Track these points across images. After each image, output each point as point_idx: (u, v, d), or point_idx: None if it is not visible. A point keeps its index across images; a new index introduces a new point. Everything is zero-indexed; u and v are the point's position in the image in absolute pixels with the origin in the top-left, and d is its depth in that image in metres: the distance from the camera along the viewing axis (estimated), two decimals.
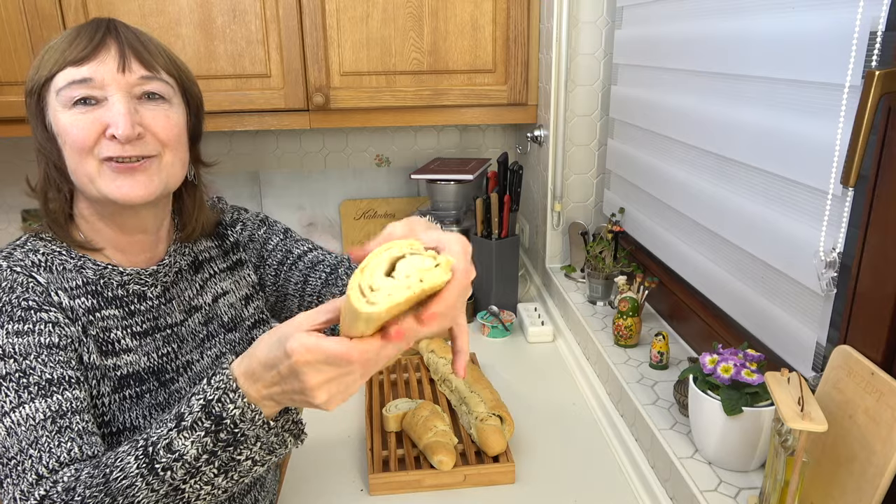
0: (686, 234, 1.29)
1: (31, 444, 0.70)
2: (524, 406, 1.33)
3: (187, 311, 0.90)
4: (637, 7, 1.48)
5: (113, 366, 0.80)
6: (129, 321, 0.83)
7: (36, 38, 1.72)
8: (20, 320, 0.75)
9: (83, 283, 0.82)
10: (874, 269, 0.77)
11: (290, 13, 1.75)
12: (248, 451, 0.66)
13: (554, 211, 1.76)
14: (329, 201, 2.30)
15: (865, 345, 0.78)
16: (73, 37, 0.78)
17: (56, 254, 0.82)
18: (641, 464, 1.09)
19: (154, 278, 0.87)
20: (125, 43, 0.79)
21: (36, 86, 0.79)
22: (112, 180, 0.79)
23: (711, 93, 1.16)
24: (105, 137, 0.78)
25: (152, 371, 0.83)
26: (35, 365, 0.73)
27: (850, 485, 0.74)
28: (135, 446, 0.67)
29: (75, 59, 0.77)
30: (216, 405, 0.63)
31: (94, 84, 0.77)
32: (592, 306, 1.55)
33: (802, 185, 0.91)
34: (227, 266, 0.98)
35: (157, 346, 0.85)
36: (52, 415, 0.71)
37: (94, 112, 0.78)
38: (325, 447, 1.22)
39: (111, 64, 0.78)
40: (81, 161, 0.78)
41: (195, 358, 0.89)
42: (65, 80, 0.77)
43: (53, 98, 0.78)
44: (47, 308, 0.77)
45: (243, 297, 0.98)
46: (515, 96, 1.87)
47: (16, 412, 0.71)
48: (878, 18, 0.75)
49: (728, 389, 0.91)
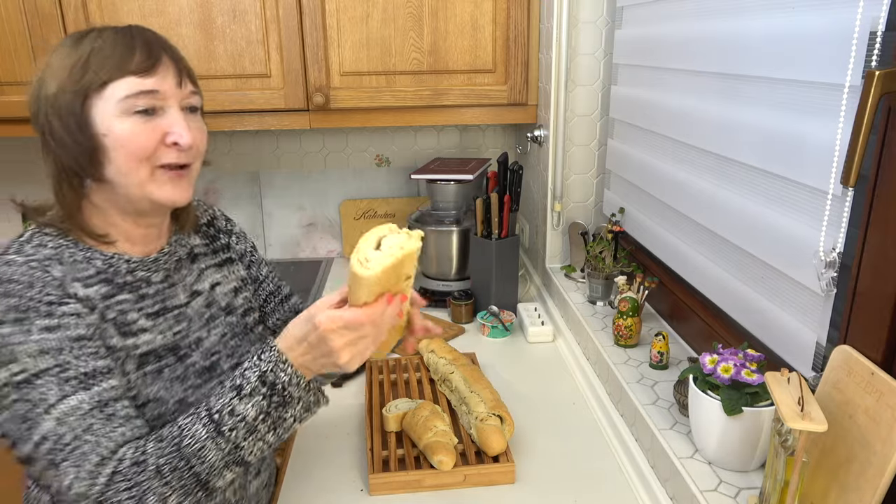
0: (686, 234, 1.29)
1: (86, 431, 0.76)
2: (524, 406, 1.33)
3: (190, 295, 0.97)
4: (637, 7, 1.48)
5: (133, 345, 0.86)
6: (141, 304, 0.89)
7: (36, 38, 1.72)
8: (46, 315, 0.79)
9: (95, 273, 0.86)
10: (874, 269, 0.77)
11: (290, 13, 1.75)
12: (293, 409, 0.81)
13: (554, 211, 1.76)
14: (329, 201, 2.30)
15: (865, 345, 0.78)
16: (126, 45, 0.82)
17: (64, 247, 0.85)
18: (641, 464, 1.09)
19: (156, 265, 0.93)
20: (177, 59, 0.86)
21: (83, 87, 0.81)
22: (163, 185, 0.86)
23: (711, 93, 1.16)
24: (164, 145, 0.84)
25: (168, 348, 0.90)
26: (69, 359, 0.78)
27: (850, 485, 0.74)
28: (198, 416, 0.79)
29: (138, 70, 0.81)
30: (270, 374, 0.79)
31: (158, 96, 0.83)
32: (592, 306, 1.55)
33: (802, 184, 0.91)
34: (217, 262, 1.05)
35: (170, 325, 0.92)
36: (97, 404, 0.78)
37: (154, 122, 0.83)
38: (325, 447, 1.22)
39: (171, 79, 0.84)
40: (137, 166, 0.83)
41: (203, 335, 0.96)
42: (130, 89, 0.81)
43: (110, 103, 0.81)
44: (66, 301, 0.81)
45: (232, 290, 1.05)
46: (515, 96, 1.87)
47: (62, 404, 0.76)
48: (878, 18, 0.75)
49: (728, 389, 0.91)
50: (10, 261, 0.82)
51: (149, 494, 0.76)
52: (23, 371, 0.77)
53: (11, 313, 0.78)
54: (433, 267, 1.92)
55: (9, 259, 0.82)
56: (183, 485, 0.78)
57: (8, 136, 1.86)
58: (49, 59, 0.84)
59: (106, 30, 0.84)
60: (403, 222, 2.24)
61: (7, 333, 0.77)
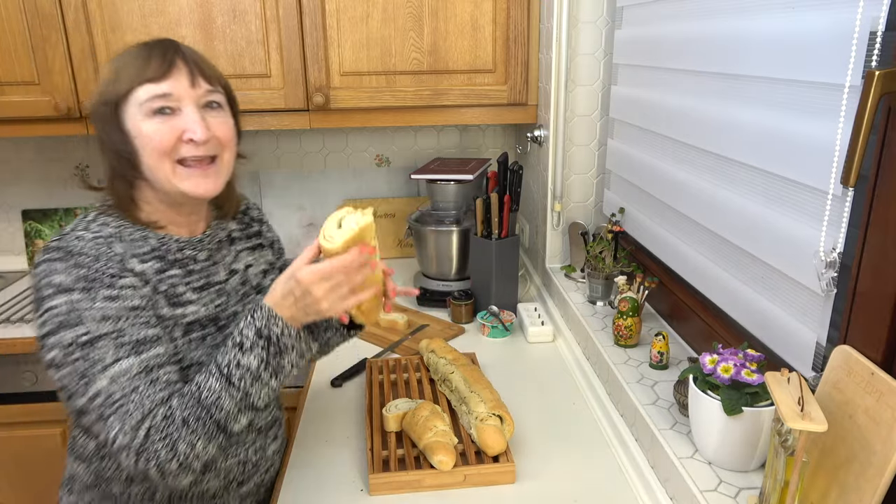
0: (686, 234, 1.29)
1: (133, 391, 0.89)
2: (524, 406, 1.33)
3: (228, 273, 1.10)
4: (637, 7, 1.48)
5: (181, 315, 0.99)
6: (188, 278, 1.02)
7: (36, 38, 1.72)
8: (109, 286, 0.91)
9: (150, 250, 0.98)
10: (874, 269, 0.77)
11: (290, 13, 1.75)
12: (289, 356, 0.94)
13: (554, 211, 1.76)
14: (329, 201, 2.30)
15: (865, 345, 0.78)
16: (145, 56, 0.93)
17: (123, 227, 0.98)
18: (641, 464, 1.09)
19: (201, 245, 1.06)
20: (191, 62, 0.95)
21: (113, 97, 0.93)
22: (186, 178, 0.96)
23: (711, 93, 1.16)
24: (182, 142, 0.94)
25: (210, 319, 1.03)
26: (125, 327, 0.90)
27: (850, 485, 0.74)
28: (210, 372, 0.92)
29: (154, 76, 0.92)
30: (264, 329, 0.92)
31: (172, 97, 0.93)
32: (592, 306, 1.55)
33: (802, 185, 0.91)
34: (250, 246, 1.17)
35: (212, 298, 1.04)
36: (144, 369, 0.90)
37: (171, 121, 0.93)
38: (325, 447, 1.22)
39: (184, 81, 0.94)
40: (160, 162, 0.94)
41: (239, 309, 1.08)
42: (147, 94, 0.92)
43: (135, 108, 0.93)
44: (125, 274, 0.93)
45: (262, 271, 1.17)
46: (515, 96, 1.87)
47: (115, 366, 0.89)
48: (878, 18, 0.75)
49: (728, 389, 0.91)
50: (80, 236, 0.94)
51: (179, 442, 0.89)
52: (87, 333, 0.88)
53: (81, 282, 0.89)
54: (433, 267, 1.92)
55: (79, 234, 0.94)
56: (206, 431, 0.91)
57: (8, 137, 1.86)
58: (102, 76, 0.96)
59: (139, 46, 0.96)
60: (403, 222, 2.24)
61: (77, 300, 0.89)
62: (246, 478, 1.10)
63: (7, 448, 1.83)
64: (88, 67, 1.76)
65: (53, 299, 0.89)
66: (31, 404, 1.79)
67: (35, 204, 2.23)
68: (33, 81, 1.76)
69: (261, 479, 1.14)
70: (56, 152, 2.19)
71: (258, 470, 1.12)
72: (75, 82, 1.76)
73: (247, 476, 1.10)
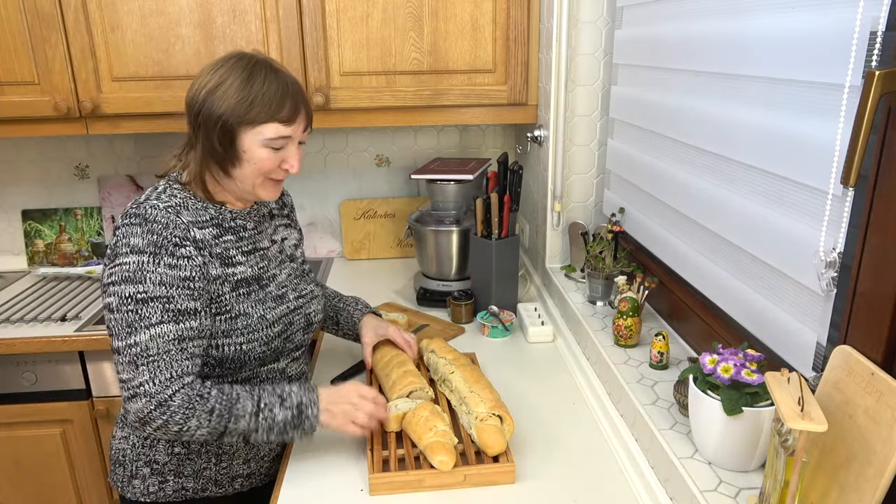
0: (686, 234, 1.29)
1: (166, 353, 1.04)
2: (524, 406, 1.33)
3: (270, 241, 1.27)
4: (637, 7, 1.48)
5: (231, 273, 1.15)
6: (239, 243, 1.18)
7: (36, 39, 1.72)
8: (171, 255, 1.06)
9: (209, 218, 1.15)
10: (874, 269, 0.77)
11: (290, 13, 1.75)
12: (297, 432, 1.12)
13: (554, 211, 1.76)
14: (329, 201, 2.30)
15: (865, 345, 0.78)
16: (280, 98, 1.10)
17: (187, 198, 1.14)
18: (641, 464, 1.09)
19: (250, 216, 1.23)
20: (309, 112, 1.16)
21: (242, 120, 1.09)
22: (266, 189, 1.17)
23: (711, 93, 1.16)
24: (279, 168, 1.15)
25: (255, 278, 1.19)
26: (174, 295, 1.05)
27: (850, 485, 0.74)
28: (252, 398, 1.09)
29: (284, 120, 1.11)
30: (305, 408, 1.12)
31: (290, 139, 1.13)
32: (592, 306, 1.55)
33: (802, 184, 0.91)
34: (284, 223, 1.35)
35: (257, 261, 1.21)
36: (178, 337, 1.05)
37: (280, 153, 1.13)
38: (325, 447, 1.22)
39: (301, 126, 1.14)
40: (256, 177, 1.14)
41: (277, 272, 1.24)
42: (275, 132, 1.11)
43: (258, 137, 1.10)
44: (186, 243, 1.08)
45: (293, 244, 1.35)
46: (515, 96, 1.87)
47: (157, 327, 1.04)
48: (878, 18, 0.75)
49: (728, 389, 0.91)
50: (154, 205, 1.09)
51: (193, 418, 1.04)
52: (144, 292, 1.04)
53: (151, 247, 1.05)
54: (433, 267, 1.92)
55: (153, 203, 1.09)
56: (215, 427, 1.06)
57: (8, 137, 1.86)
58: (222, 80, 1.09)
59: (269, 76, 1.10)
60: (403, 222, 2.24)
61: (146, 261, 1.04)
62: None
63: (7, 448, 1.83)
64: (88, 67, 1.76)
65: (127, 257, 1.05)
66: (31, 404, 1.79)
67: (35, 204, 2.23)
68: (33, 81, 1.76)
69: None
70: (56, 152, 2.19)
71: None
72: (75, 82, 1.77)
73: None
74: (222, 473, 1.22)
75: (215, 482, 1.22)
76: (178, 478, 1.20)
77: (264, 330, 1.17)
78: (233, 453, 1.22)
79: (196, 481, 1.21)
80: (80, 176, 2.21)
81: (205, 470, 1.21)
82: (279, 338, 1.20)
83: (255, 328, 1.16)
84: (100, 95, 1.79)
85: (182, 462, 1.19)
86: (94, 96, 1.78)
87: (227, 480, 1.23)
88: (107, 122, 1.82)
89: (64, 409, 1.80)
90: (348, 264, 2.27)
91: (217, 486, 1.22)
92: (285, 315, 1.22)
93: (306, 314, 1.28)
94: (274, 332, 1.19)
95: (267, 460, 1.28)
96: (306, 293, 1.29)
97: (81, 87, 1.77)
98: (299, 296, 1.27)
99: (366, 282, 2.09)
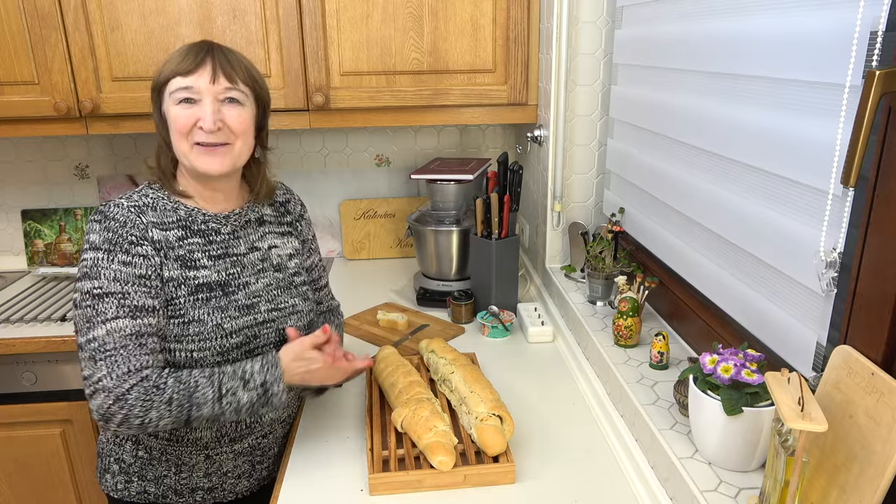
0: (686, 234, 1.29)
1: (123, 348, 1.05)
2: (524, 406, 1.33)
3: (249, 249, 1.23)
4: (637, 7, 1.48)
5: (192, 277, 1.13)
6: (207, 247, 1.17)
7: (36, 38, 1.72)
8: (125, 252, 1.07)
9: (177, 220, 1.15)
10: (874, 269, 0.77)
11: (290, 13, 1.75)
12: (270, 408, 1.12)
13: (554, 211, 1.76)
14: (329, 201, 2.30)
15: (865, 345, 0.78)
16: (184, 53, 1.11)
17: (159, 198, 1.16)
18: (641, 464, 1.09)
19: (226, 221, 1.20)
20: (217, 62, 1.11)
21: (156, 85, 1.12)
22: (198, 157, 1.12)
23: (711, 93, 1.16)
24: (196, 127, 1.10)
25: (219, 284, 1.16)
26: (129, 291, 1.06)
27: (851, 485, 0.74)
28: (212, 384, 1.07)
29: (183, 71, 1.09)
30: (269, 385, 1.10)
31: (193, 90, 1.10)
32: (592, 306, 1.55)
33: (803, 185, 0.91)
34: (279, 231, 1.30)
35: (226, 267, 1.18)
36: (135, 333, 1.06)
37: (192, 109, 1.10)
38: (325, 447, 1.22)
39: (206, 77, 1.10)
40: (180, 141, 1.12)
41: (252, 281, 1.20)
42: (176, 85, 1.10)
43: (168, 96, 1.11)
44: (143, 243, 1.09)
45: (287, 255, 1.29)
46: (515, 96, 1.87)
47: (113, 322, 1.05)
48: (878, 18, 0.75)
49: (728, 389, 0.91)
50: (119, 203, 1.12)
51: (153, 410, 1.03)
52: (100, 288, 1.05)
53: (106, 244, 1.07)
54: (433, 267, 1.92)
55: (118, 202, 1.12)
56: (178, 416, 1.05)
57: (8, 137, 1.86)
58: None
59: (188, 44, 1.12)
60: (403, 222, 2.24)
61: (101, 258, 1.06)
62: (238, 436, 1.21)
63: (7, 448, 1.83)
64: (88, 67, 1.76)
65: (86, 253, 1.08)
66: (31, 404, 1.79)
67: (35, 204, 2.23)
68: (33, 81, 1.76)
69: (256, 442, 1.24)
70: (56, 152, 2.19)
71: (252, 432, 1.22)
72: (75, 82, 1.76)
73: (240, 435, 1.20)
74: (182, 483, 1.21)
75: (175, 491, 1.21)
76: (142, 481, 1.21)
77: (219, 339, 1.12)
78: (192, 465, 1.20)
79: (157, 487, 1.21)
80: (79, 176, 2.21)
81: (164, 477, 1.20)
82: (238, 349, 1.14)
83: (207, 336, 1.11)
84: (100, 95, 1.79)
85: (144, 466, 1.20)
86: (94, 96, 1.78)
87: (186, 491, 1.22)
88: (107, 122, 1.82)
89: (64, 409, 1.80)
90: (348, 264, 2.27)
91: (177, 495, 1.21)
92: (249, 327, 1.15)
93: (279, 329, 1.20)
94: (231, 343, 1.13)
95: (231, 477, 1.23)
96: (284, 307, 1.22)
97: (81, 86, 1.77)
98: (274, 308, 1.20)
99: (366, 282, 2.09)
